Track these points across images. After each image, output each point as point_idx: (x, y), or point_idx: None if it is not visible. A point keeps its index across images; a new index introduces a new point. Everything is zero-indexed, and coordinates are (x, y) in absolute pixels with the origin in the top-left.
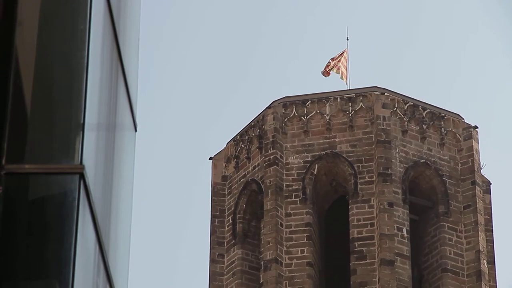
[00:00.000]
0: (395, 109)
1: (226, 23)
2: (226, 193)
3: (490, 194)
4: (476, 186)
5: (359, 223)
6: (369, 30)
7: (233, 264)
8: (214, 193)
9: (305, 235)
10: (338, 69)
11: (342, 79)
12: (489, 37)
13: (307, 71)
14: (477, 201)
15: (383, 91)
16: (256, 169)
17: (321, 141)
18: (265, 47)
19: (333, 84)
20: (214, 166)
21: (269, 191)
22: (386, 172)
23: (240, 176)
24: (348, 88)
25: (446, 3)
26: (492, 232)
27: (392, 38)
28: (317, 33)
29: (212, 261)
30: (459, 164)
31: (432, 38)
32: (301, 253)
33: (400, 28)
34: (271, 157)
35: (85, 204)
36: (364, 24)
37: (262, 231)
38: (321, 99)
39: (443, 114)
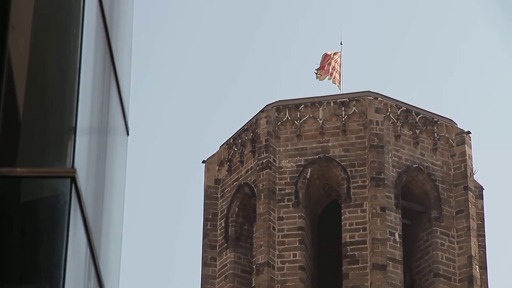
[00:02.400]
0: (388, 113)
1: (220, 27)
2: (219, 196)
3: (482, 199)
4: (469, 191)
5: (352, 227)
6: (363, 34)
7: (225, 268)
8: (207, 196)
9: (297, 239)
10: (331, 75)
11: (335, 83)
12: (482, 43)
13: (300, 75)
14: (470, 206)
15: (376, 95)
16: (249, 172)
17: (314, 145)
18: (259, 50)
19: (327, 88)
20: (207, 169)
21: (262, 194)
22: (379, 176)
23: (233, 179)
24: (342, 93)
25: (439, 8)
26: (485, 237)
27: (385, 43)
28: (310, 38)
29: (205, 264)
30: (452, 169)
31: (425, 43)
32: (293, 257)
33: (393, 33)
34: (264, 160)
35: (77, 208)
36: (357, 28)
37: (255, 234)
38: (314, 103)
39: (436, 119)
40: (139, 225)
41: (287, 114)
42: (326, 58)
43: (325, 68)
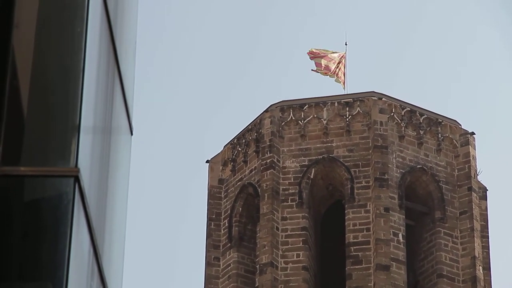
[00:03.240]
0: (392, 114)
1: (224, 27)
2: (223, 196)
3: (486, 200)
4: (473, 192)
5: (355, 227)
6: (368, 35)
7: (229, 268)
8: (211, 196)
9: (301, 239)
10: (336, 74)
11: (339, 82)
12: (487, 44)
13: (304, 75)
14: (473, 207)
15: (380, 96)
16: (252, 172)
17: (318, 145)
18: (263, 50)
19: (331, 88)
20: (211, 169)
21: (266, 194)
22: (383, 177)
23: (236, 179)
24: (346, 93)
25: (445, 9)
26: (488, 238)
27: (390, 44)
28: (315, 38)
29: (208, 264)
30: (456, 170)
31: (430, 44)
32: (296, 257)
33: (398, 34)
34: (268, 160)
35: (80, 207)
36: (362, 29)
37: (258, 234)
38: (318, 103)
39: (440, 120)
40: (143, 224)
41: (291, 114)
42: (320, 54)
43: (318, 55)
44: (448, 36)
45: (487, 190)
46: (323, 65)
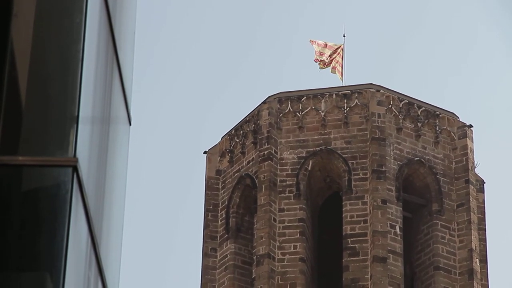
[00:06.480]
0: (390, 106)
1: (222, 18)
2: (220, 187)
3: (483, 192)
4: (470, 185)
5: (352, 219)
6: (366, 27)
7: (226, 259)
8: (208, 187)
9: (298, 230)
10: (334, 68)
11: (337, 74)
12: (486, 37)
13: (303, 67)
14: (471, 199)
15: (378, 88)
16: (250, 164)
17: (315, 137)
18: (262, 42)
19: (329, 80)
20: (209, 160)
21: (263, 186)
22: (380, 169)
23: (234, 170)
24: (344, 85)
25: (444, 3)
26: (485, 230)
27: (388, 36)
28: (313, 30)
29: (205, 255)
30: (453, 163)
31: (429, 36)
32: (293, 249)
33: (397, 26)
34: (266, 152)
35: (78, 197)
36: (360, 21)
37: (255, 226)
38: (316, 95)
39: (438, 113)
40: (140, 215)
41: (289, 105)
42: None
43: (324, 55)
44: (446, 29)
45: (485, 182)
46: (318, 52)
